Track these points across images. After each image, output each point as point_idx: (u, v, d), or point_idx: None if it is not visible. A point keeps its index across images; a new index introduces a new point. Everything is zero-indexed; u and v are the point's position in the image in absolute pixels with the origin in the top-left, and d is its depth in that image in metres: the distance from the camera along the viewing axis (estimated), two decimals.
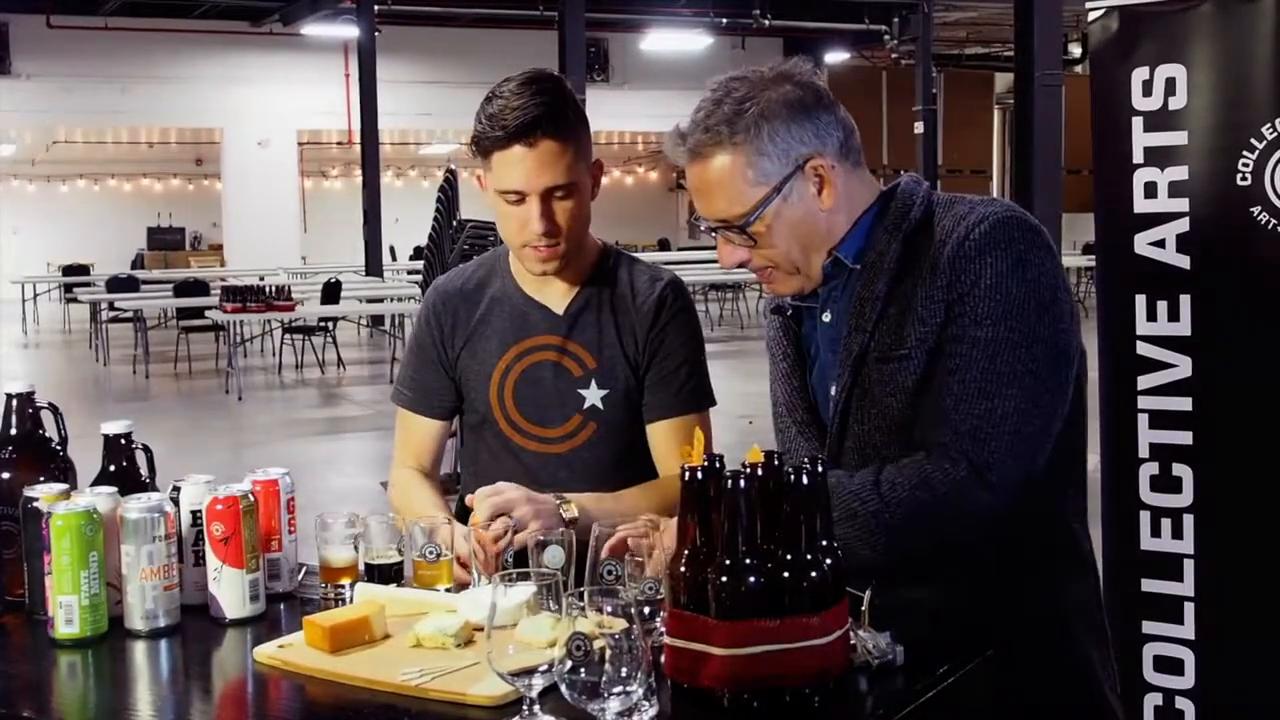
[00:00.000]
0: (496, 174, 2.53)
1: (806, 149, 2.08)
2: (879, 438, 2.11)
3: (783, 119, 2.07)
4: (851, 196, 2.14)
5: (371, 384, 15.00)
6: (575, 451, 2.67)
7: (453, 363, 2.74)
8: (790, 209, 2.10)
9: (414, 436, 2.80)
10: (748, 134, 2.06)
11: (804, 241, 2.13)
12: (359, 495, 8.90)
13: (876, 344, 2.10)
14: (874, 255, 2.13)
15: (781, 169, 2.07)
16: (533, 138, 2.48)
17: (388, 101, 20.86)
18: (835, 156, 2.10)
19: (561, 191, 2.52)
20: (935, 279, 2.05)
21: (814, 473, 1.70)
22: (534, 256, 2.58)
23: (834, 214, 2.12)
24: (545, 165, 2.50)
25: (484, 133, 2.52)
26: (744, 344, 18.30)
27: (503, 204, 2.55)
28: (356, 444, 11.32)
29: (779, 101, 2.07)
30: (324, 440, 11.44)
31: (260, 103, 25.02)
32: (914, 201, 2.14)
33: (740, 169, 2.07)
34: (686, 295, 2.75)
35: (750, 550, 1.68)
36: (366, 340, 19.69)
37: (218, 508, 2.25)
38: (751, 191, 2.08)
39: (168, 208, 32.09)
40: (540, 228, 2.52)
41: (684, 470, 1.74)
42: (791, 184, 2.08)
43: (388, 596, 2.18)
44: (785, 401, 2.30)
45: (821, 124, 2.09)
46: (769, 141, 2.06)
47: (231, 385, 14.17)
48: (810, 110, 2.09)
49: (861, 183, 2.17)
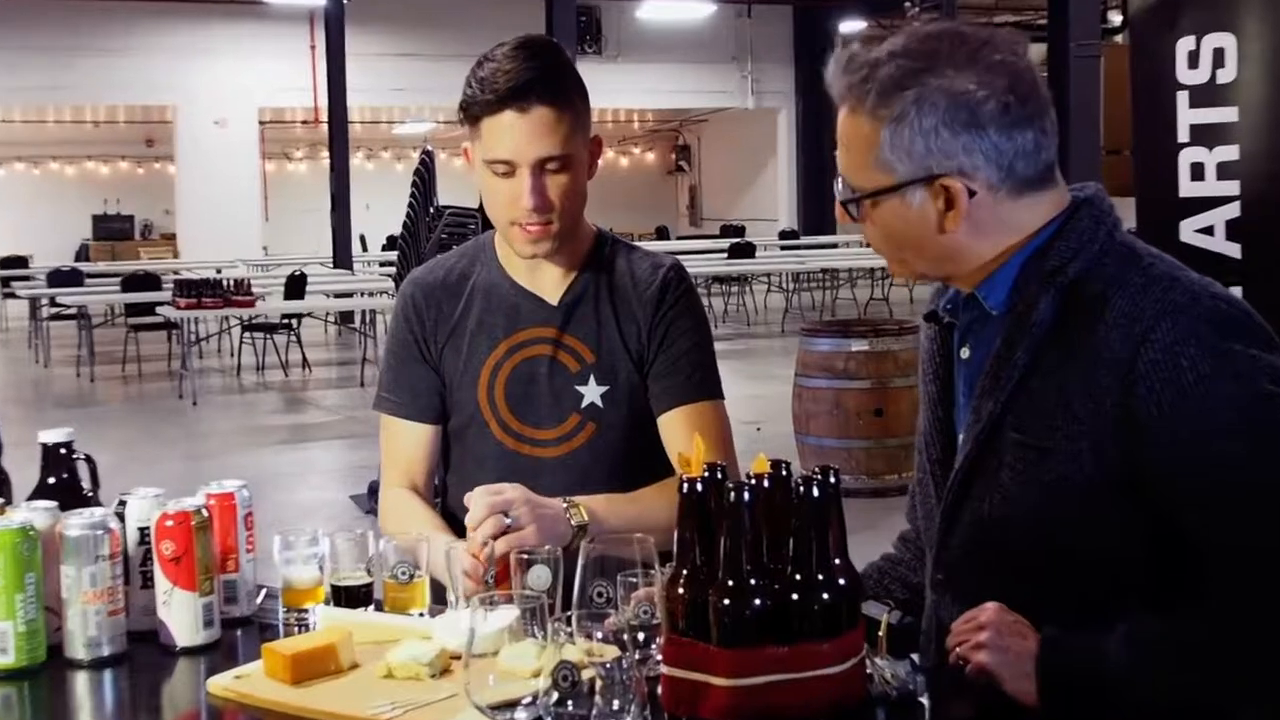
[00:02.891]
0: (485, 142, 2.53)
1: (948, 163, 1.95)
2: (1001, 533, 2.01)
3: (937, 119, 1.93)
4: (1005, 225, 2.01)
5: (340, 387, 15.00)
6: (573, 454, 2.67)
7: (437, 360, 2.74)
8: (904, 213, 1.99)
9: (403, 448, 2.77)
10: (891, 114, 1.94)
11: (914, 250, 2.04)
12: (325, 510, 8.90)
13: (1014, 419, 1.99)
14: (1020, 305, 2.00)
15: (908, 170, 1.96)
16: (526, 103, 2.48)
17: (358, 76, 20.84)
18: (986, 183, 1.96)
19: (555, 164, 2.53)
20: (1100, 371, 1.91)
21: (825, 483, 1.70)
22: (523, 236, 2.58)
23: (961, 239, 2.00)
24: (538, 134, 2.50)
25: (474, 97, 2.52)
26: (751, 342, 18.30)
27: (490, 176, 2.55)
28: (323, 454, 11.31)
29: (945, 96, 1.93)
30: (287, 449, 11.43)
31: (217, 78, 25.00)
32: (1081, 245, 1.99)
33: (869, 142, 1.98)
34: (690, 281, 2.76)
35: (756, 569, 1.67)
36: (334, 339, 19.68)
37: (168, 524, 2.25)
38: (869, 172, 1.99)
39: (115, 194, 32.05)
40: (530, 202, 2.52)
41: (683, 481, 1.73)
42: (914, 190, 1.97)
43: (356, 622, 2.18)
44: (925, 432, 2.20)
45: (985, 142, 1.94)
46: (908, 135, 1.94)
47: (185, 389, 14.15)
48: (979, 123, 1.94)
49: (1030, 210, 2.01)
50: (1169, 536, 1.90)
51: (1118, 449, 1.90)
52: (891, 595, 2.30)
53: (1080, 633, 1.89)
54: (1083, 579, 1.96)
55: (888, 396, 8.56)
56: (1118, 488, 1.91)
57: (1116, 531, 1.94)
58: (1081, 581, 1.96)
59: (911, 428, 2.29)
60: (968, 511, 2.06)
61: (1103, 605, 1.93)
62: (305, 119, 27.92)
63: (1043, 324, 1.97)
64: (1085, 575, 1.96)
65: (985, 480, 2.03)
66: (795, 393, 8.92)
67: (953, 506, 2.08)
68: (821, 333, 9.01)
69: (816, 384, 8.73)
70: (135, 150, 31.88)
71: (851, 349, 8.64)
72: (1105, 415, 1.90)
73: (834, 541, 1.71)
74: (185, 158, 25.78)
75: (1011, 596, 1.94)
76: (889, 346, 8.64)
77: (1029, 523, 1.98)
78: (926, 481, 2.18)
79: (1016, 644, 1.89)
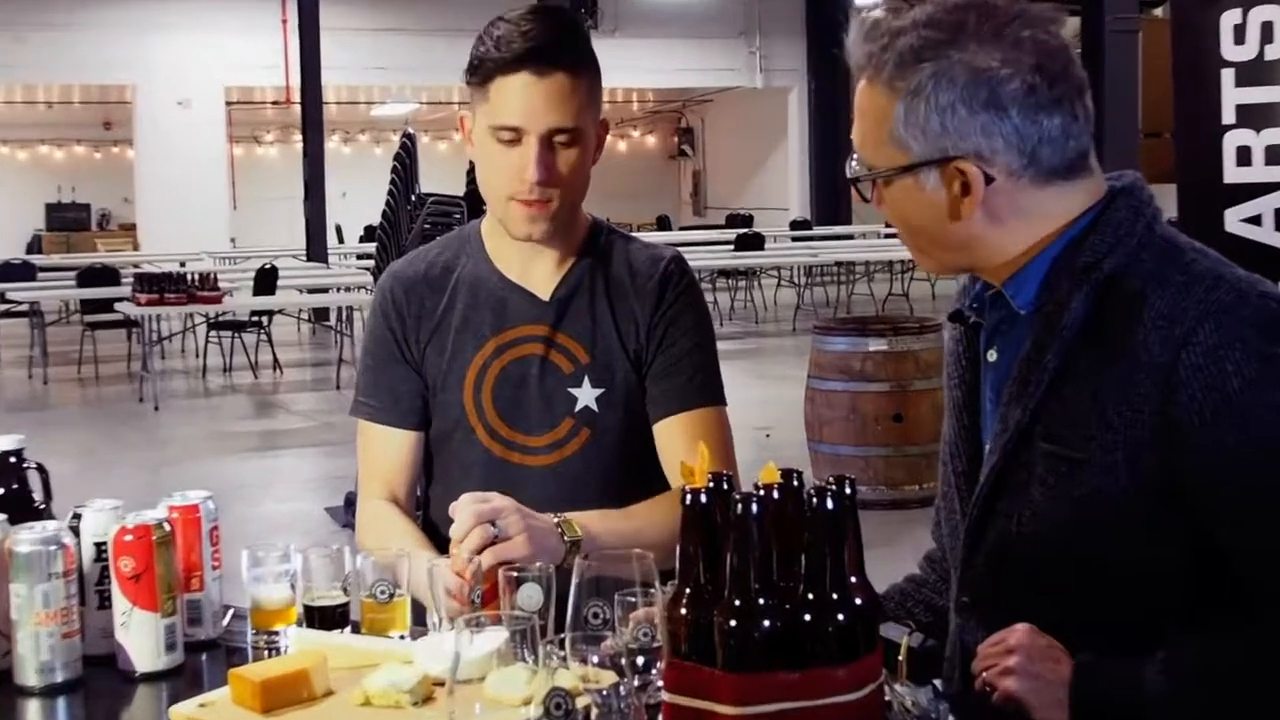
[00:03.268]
0: (493, 105, 2.54)
1: (964, 144, 1.95)
2: (1030, 551, 2.00)
3: (954, 96, 1.93)
4: (1027, 216, 2.00)
5: (314, 390, 15.00)
6: (565, 462, 2.67)
7: (418, 361, 2.74)
8: (916, 195, 2.00)
9: (383, 456, 2.77)
10: (907, 87, 1.95)
11: (929, 237, 2.04)
12: (298, 523, 8.91)
13: (1045, 428, 1.99)
14: (1050, 304, 2.00)
15: (922, 149, 1.97)
16: (545, 65, 2.50)
17: (333, 52, 20.84)
18: (1006, 169, 1.95)
19: (566, 137, 2.54)
20: (1138, 376, 1.90)
21: (840, 494, 1.70)
22: (522, 213, 2.58)
23: (976, 229, 1.99)
24: (553, 101, 2.52)
25: (486, 54, 2.53)
26: (760, 341, 18.32)
27: (493, 144, 2.56)
28: (295, 462, 11.31)
29: (965, 72, 1.93)
30: (256, 458, 11.44)
31: (180, 54, 25.00)
32: (1118, 239, 1.98)
33: (883, 116, 1.98)
34: (692, 274, 2.77)
35: (764, 588, 1.67)
36: (308, 338, 19.69)
37: (127, 539, 2.25)
38: (882, 150, 2.00)
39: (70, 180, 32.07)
40: (536, 175, 2.53)
41: (685, 493, 1.73)
42: (929, 171, 1.97)
43: (331, 645, 2.18)
44: (950, 441, 2.19)
45: (1006, 124, 1.94)
46: (924, 112, 1.94)
47: (146, 392, 14.16)
48: (1000, 103, 1.93)
49: (1057, 201, 2.01)
50: (1210, 554, 1.90)
51: (1156, 460, 1.90)
52: (914, 618, 2.30)
53: (1116, 658, 1.89)
54: (1118, 600, 1.96)
55: (908, 400, 8.56)
56: (1156, 501, 1.91)
57: (1154, 549, 1.94)
58: (1117, 603, 1.96)
59: (934, 434, 2.30)
60: (994, 528, 2.06)
61: (1140, 628, 1.93)
62: (276, 99, 27.92)
63: (1075, 325, 1.97)
64: (1121, 596, 1.96)
65: (1013, 494, 2.02)
66: (808, 396, 8.92)
67: (978, 523, 2.08)
68: (836, 331, 9.01)
69: (831, 387, 8.73)
70: (91, 133, 31.90)
71: (869, 349, 8.64)
72: (1143, 424, 1.90)
73: (850, 558, 1.71)
74: (145, 141, 25.78)
75: (1042, 619, 1.94)
76: (909, 346, 8.64)
77: (1061, 540, 1.98)
78: (951, 495, 2.17)
79: (1048, 670, 1.89)
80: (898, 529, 7.02)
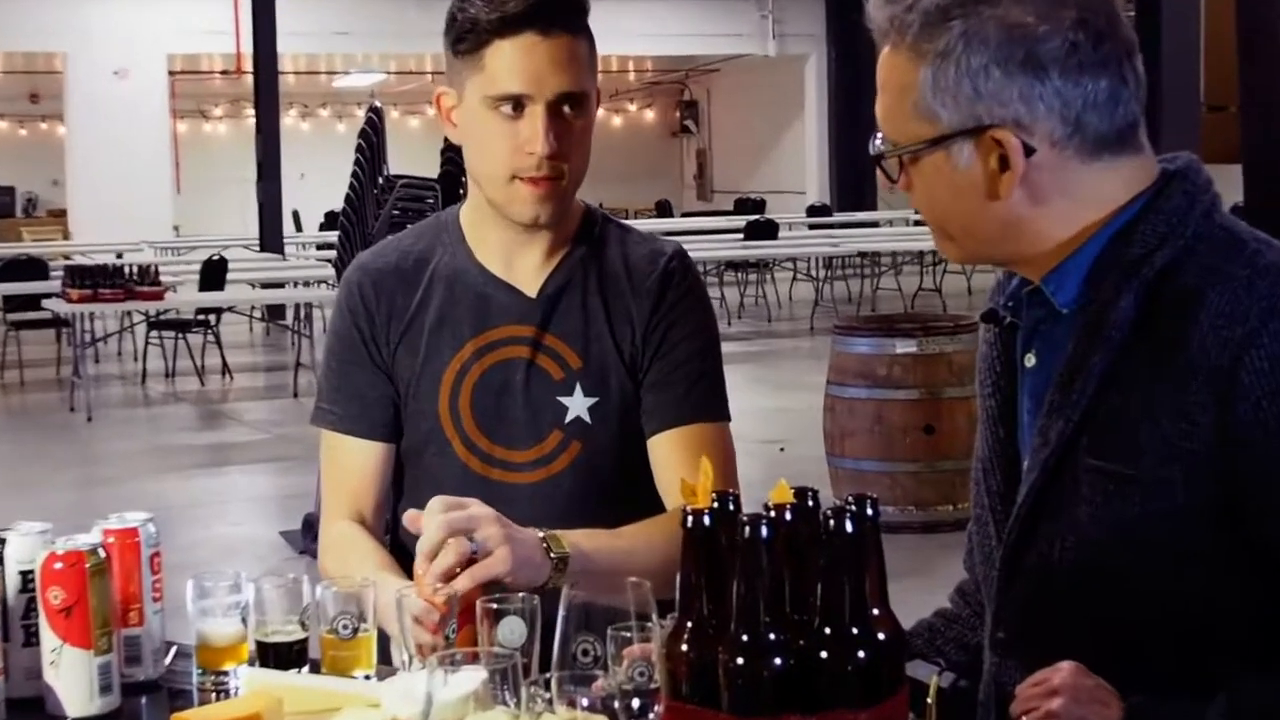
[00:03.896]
0: (490, 73, 2.56)
1: (1001, 111, 1.95)
2: (1075, 580, 2.00)
3: (988, 57, 1.94)
4: (1072, 195, 2.00)
5: (268, 398, 15.00)
6: (553, 480, 2.69)
7: (388, 364, 2.75)
8: (948, 173, 2.00)
9: (347, 471, 2.78)
10: (934, 49, 1.96)
11: (962, 223, 2.05)
12: (249, 549, 8.91)
13: (1091, 441, 1.99)
14: (1096, 302, 2.00)
15: (954, 118, 1.97)
16: (547, 24, 2.53)
17: (290, 16, 20.85)
18: (1048, 138, 1.96)
19: (574, 105, 2.57)
20: (1194, 383, 1.90)
21: (862, 515, 1.70)
22: (529, 194, 2.60)
23: (1016, 208, 1.99)
24: (560, 63, 2.55)
25: (476, 17, 2.55)
26: (773, 343, 18.33)
27: (490, 119, 2.57)
28: (247, 480, 11.32)
29: (999, 30, 1.94)
30: (202, 475, 11.44)
31: (117, 18, 25.02)
32: (1171, 228, 1.98)
33: (908, 85, 1.99)
34: (696, 272, 2.80)
35: (775, 621, 1.68)
36: (261, 340, 19.69)
37: (56, 567, 2.25)
38: (909, 121, 2.01)
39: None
40: (546, 147, 2.54)
41: (686, 515, 1.74)
42: (962, 144, 1.98)
43: (287, 686, 2.18)
44: (984, 457, 2.20)
45: (1047, 87, 1.94)
46: (954, 76, 1.95)
47: (78, 400, 14.16)
48: (1039, 63, 1.94)
49: (1105, 179, 2.01)
50: (1277, 583, 1.91)
51: (1215, 477, 1.90)
52: (945, 657, 2.31)
53: (1173, 700, 1.90)
54: (1174, 634, 1.97)
55: (940, 409, 8.57)
56: (1215, 523, 1.91)
57: (1214, 577, 1.95)
58: (1172, 637, 1.97)
59: (969, 448, 2.30)
60: (1034, 554, 2.06)
61: (1198, 666, 1.94)
62: (225, 68, 27.95)
63: (1123, 325, 1.97)
64: (1177, 630, 1.97)
65: (1055, 516, 2.03)
66: (827, 405, 8.94)
67: (1015, 548, 2.08)
68: (859, 331, 9.02)
69: (853, 394, 8.74)
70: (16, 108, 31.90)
71: (896, 351, 8.65)
72: (1200, 436, 1.90)
73: (872, 587, 1.72)
74: (78, 116, 25.77)
75: (1088, 656, 1.94)
76: (941, 348, 8.65)
77: (1109, 567, 1.98)
78: (985, 519, 2.18)
79: (1096, 713, 1.89)
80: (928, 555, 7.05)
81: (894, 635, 1.72)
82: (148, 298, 14.78)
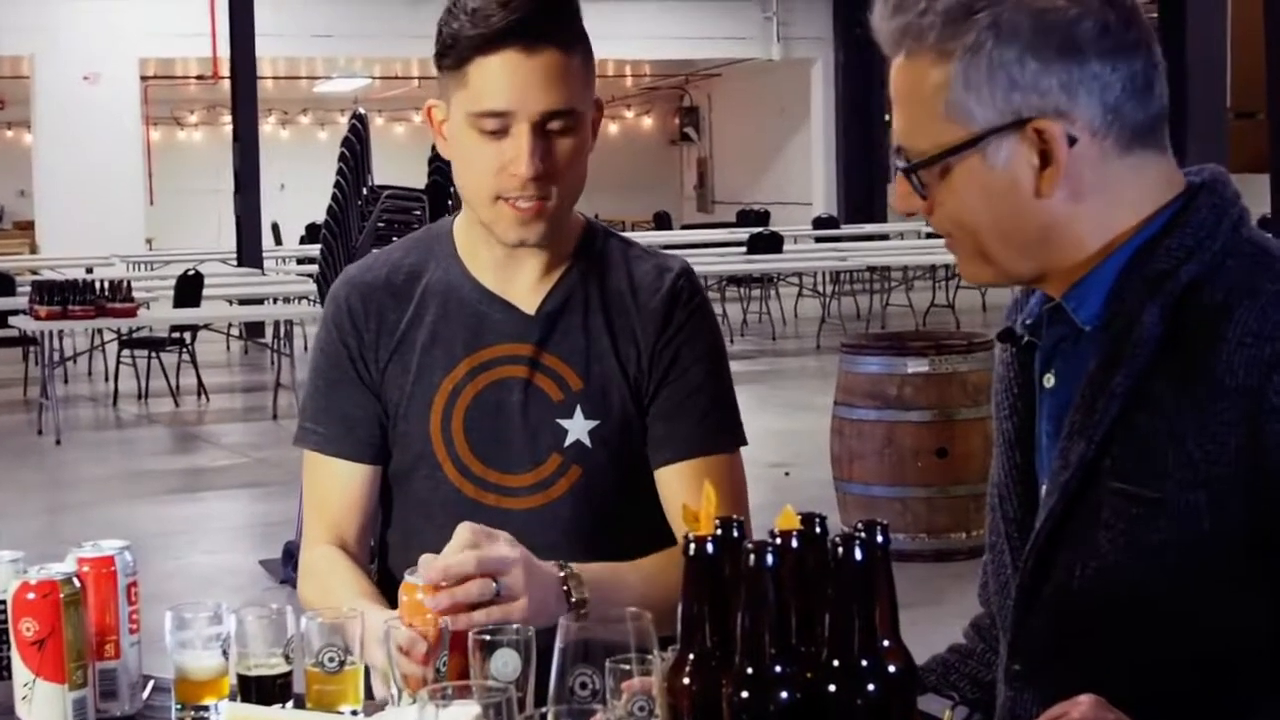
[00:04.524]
0: (473, 90, 2.55)
1: (1041, 102, 1.95)
2: (1095, 609, 2.00)
3: (1021, 46, 1.94)
4: (1109, 193, 2.00)
5: (246, 420, 14.99)
6: (551, 505, 2.69)
7: (377, 383, 2.76)
8: (986, 177, 1.99)
9: (332, 494, 2.78)
10: (962, 45, 1.95)
11: (1002, 234, 2.02)
12: (229, 579, 8.90)
13: (1114, 463, 1.99)
14: (1120, 318, 2.00)
15: (990, 115, 1.96)
16: (532, 40, 2.52)
17: (269, 18, 20.85)
18: (1089, 127, 1.96)
19: (562, 122, 2.56)
20: (1221, 403, 1.90)
21: (871, 542, 1.71)
22: (512, 216, 2.59)
23: (1060, 207, 1.99)
24: (546, 80, 2.54)
25: (460, 31, 2.55)
26: (778, 361, 18.31)
27: (473, 137, 2.57)
28: (225, 506, 11.30)
29: (1029, 16, 1.94)
30: (179, 501, 11.42)
31: (87, 20, 24.99)
32: (1198, 242, 1.98)
33: (935, 89, 1.98)
34: (703, 291, 2.79)
35: (781, 653, 1.69)
36: (239, 359, 19.67)
37: (29, 598, 2.26)
38: (938, 127, 2.00)
39: None
40: (530, 169, 2.53)
41: (689, 543, 1.74)
42: (999, 142, 1.97)
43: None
44: (999, 482, 2.20)
45: (1086, 71, 1.94)
46: (987, 70, 1.95)
47: (46, 422, 14.13)
48: (1076, 46, 1.94)
49: (1137, 178, 2.01)
50: None
51: (1243, 501, 1.91)
52: (959, 694, 2.31)
53: None
54: (1198, 665, 1.97)
55: (954, 432, 8.56)
56: (1243, 550, 1.92)
57: (1241, 604, 1.95)
58: (1196, 668, 1.97)
59: (984, 472, 2.30)
60: (1052, 583, 2.06)
61: (1224, 698, 1.94)
62: (201, 73, 27.92)
63: (1149, 342, 1.97)
64: (1201, 660, 1.97)
65: (1075, 542, 2.03)
66: (835, 427, 8.93)
67: (1033, 577, 2.08)
68: (868, 349, 9.01)
69: (862, 416, 8.73)
70: None
71: (907, 370, 8.64)
72: (1228, 458, 1.90)
73: (882, 618, 1.72)
74: (45, 123, 25.74)
75: (1108, 688, 1.95)
76: (955, 367, 8.64)
77: (1131, 595, 1.98)
78: (1001, 546, 2.18)
79: None
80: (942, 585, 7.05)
81: (905, 668, 1.73)
82: (119, 315, 14.75)
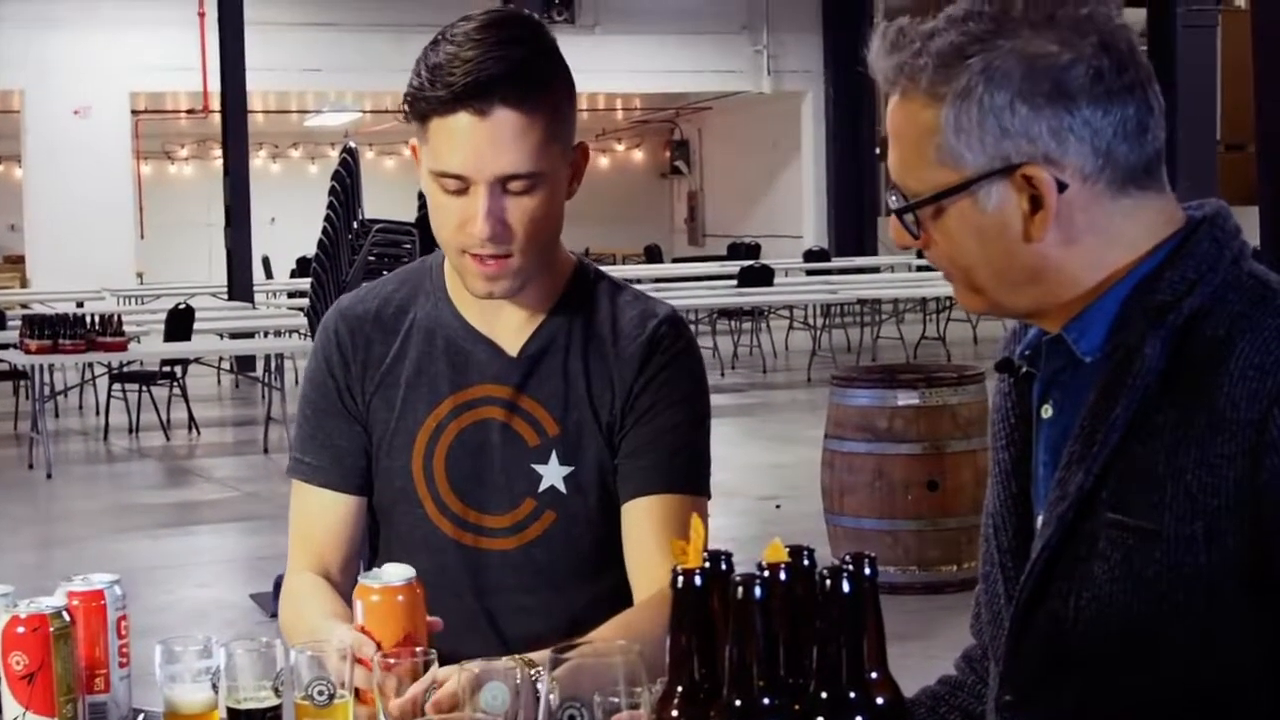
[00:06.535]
0: (433, 148, 2.55)
1: (1030, 148, 1.95)
2: (1089, 640, 1.99)
3: (1012, 92, 1.94)
4: (1103, 234, 2.01)
5: (237, 454, 14.97)
6: (525, 549, 2.69)
7: (363, 415, 2.76)
8: (977, 219, 2.00)
9: (317, 523, 2.78)
10: (953, 90, 1.96)
11: (992, 271, 2.03)
12: (219, 613, 8.89)
13: (1111, 494, 1.98)
14: (1121, 350, 2.00)
15: (980, 160, 1.97)
16: (486, 104, 2.49)
17: (260, 52, 20.85)
18: (1079, 172, 1.96)
19: (521, 184, 2.54)
20: (1221, 436, 1.90)
21: (860, 575, 1.71)
22: (475, 270, 2.59)
23: (1050, 251, 1.99)
24: (501, 144, 2.51)
25: (421, 89, 2.53)
26: (768, 394, 18.31)
27: (439, 191, 2.57)
28: (215, 540, 11.29)
29: (1020, 62, 1.95)
30: (169, 535, 11.40)
31: (77, 54, 24.98)
32: (1200, 275, 1.98)
33: (927, 131, 1.99)
34: (690, 338, 2.77)
35: (770, 686, 1.69)
36: (230, 393, 19.64)
37: (19, 631, 2.25)
38: (929, 171, 2.00)
39: None
40: (485, 231, 2.53)
41: (676, 575, 1.74)
42: (990, 187, 1.98)
43: None
44: (995, 512, 2.19)
45: (1076, 117, 1.95)
46: (977, 115, 1.95)
47: (37, 457, 14.11)
48: (1067, 93, 1.94)
49: (1133, 219, 2.01)
50: None
51: (1241, 535, 1.90)
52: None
53: None
54: (1193, 699, 1.97)
55: (945, 464, 8.57)
56: (1240, 585, 1.91)
57: (1237, 638, 1.94)
58: (1191, 703, 1.96)
59: (975, 504, 2.31)
60: (1046, 613, 2.05)
61: None
62: (192, 107, 27.92)
63: (1150, 373, 1.96)
64: (1196, 695, 1.96)
65: (1070, 573, 2.02)
66: (825, 459, 8.93)
67: (1027, 607, 2.07)
68: (859, 382, 9.02)
69: (852, 448, 8.73)
70: None
71: (898, 403, 8.65)
72: (1226, 491, 1.90)
73: (870, 650, 1.72)
74: (36, 157, 25.72)
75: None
76: (945, 400, 8.64)
77: (1125, 627, 1.98)
78: (994, 576, 2.17)
79: None
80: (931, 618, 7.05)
81: (894, 701, 1.73)
82: (110, 349, 14.71)
